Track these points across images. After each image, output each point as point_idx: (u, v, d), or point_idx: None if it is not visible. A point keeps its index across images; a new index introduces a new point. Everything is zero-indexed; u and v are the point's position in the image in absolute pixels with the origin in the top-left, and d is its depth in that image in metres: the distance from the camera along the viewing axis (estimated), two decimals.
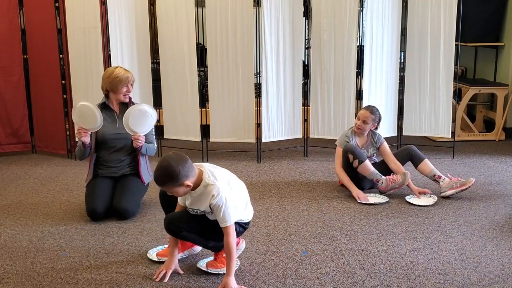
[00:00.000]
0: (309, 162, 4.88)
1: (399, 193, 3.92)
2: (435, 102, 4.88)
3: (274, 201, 3.84)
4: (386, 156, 4.07)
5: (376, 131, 4.14)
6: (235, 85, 4.81)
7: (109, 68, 3.68)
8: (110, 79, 3.56)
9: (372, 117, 4.01)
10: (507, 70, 5.69)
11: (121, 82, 3.56)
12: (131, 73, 3.64)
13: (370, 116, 4.00)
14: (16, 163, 4.93)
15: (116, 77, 3.54)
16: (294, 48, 4.84)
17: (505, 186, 4.14)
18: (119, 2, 4.71)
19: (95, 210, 3.42)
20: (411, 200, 3.77)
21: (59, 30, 4.87)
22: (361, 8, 4.94)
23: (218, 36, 4.75)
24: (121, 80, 3.55)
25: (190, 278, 2.70)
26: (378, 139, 4.12)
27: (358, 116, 4.07)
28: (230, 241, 2.54)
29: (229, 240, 2.54)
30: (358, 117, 4.08)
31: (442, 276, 2.69)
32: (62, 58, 4.97)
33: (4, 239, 3.20)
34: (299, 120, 4.97)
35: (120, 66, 3.74)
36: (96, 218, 3.42)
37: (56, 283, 2.66)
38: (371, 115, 4.01)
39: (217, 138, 4.96)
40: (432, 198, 3.79)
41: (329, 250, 3.00)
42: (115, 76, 3.55)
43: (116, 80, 3.54)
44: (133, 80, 3.63)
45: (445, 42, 4.75)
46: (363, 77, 4.89)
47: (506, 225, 3.34)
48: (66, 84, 4.97)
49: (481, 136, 5.68)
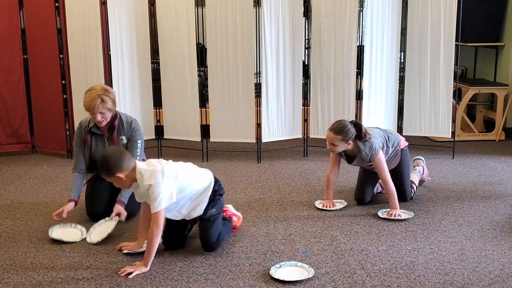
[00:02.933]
0: (309, 162, 4.88)
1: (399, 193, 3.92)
2: (435, 102, 4.88)
3: (274, 201, 3.84)
4: (376, 170, 3.50)
5: (365, 144, 3.45)
6: (235, 85, 4.81)
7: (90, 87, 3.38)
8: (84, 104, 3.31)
9: (338, 137, 3.40)
10: (507, 70, 5.69)
11: (88, 110, 3.31)
12: (106, 96, 3.29)
13: (335, 137, 3.41)
14: (16, 163, 4.93)
15: (84, 104, 3.30)
16: (294, 48, 4.84)
17: (505, 186, 4.14)
18: (119, 2, 4.71)
19: (95, 212, 3.44)
20: (319, 206, 3.66)
21: (59, 30, 4.86)
22: (361, 8, 4.94)
23: (218, 36, 4.75)
24: (87, 108, 3.30)
25: (190, 278, 2.70)
26: (367, 155, 3.46)
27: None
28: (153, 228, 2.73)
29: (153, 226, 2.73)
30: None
31: (442, 276, 2.69)
32: (62, 58, 4.97)
33: (4, 239, 3.20)
34: (299, 120, 4.97)
35: (96, 86, 3.37)
36: (96, 219, 3.41)
37: (56, 283, 2.66)
38: (337, 136, 3.40)
39: (217, 138, 4.96)
40: (342, 204, 3.68)
41: (329, 250, 3.00)
42: (83, 103, 3.30)
43: (85, 108, 3.31)
44: (105, 106, 3.29)
45: (445, 42, 4.75)
46: (363, 77, 4.89)
47: (506, 225, 3.34)
48: (66, 84, 4.97)
49: (481, 136, 5.68)
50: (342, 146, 3.44)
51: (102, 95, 3.27)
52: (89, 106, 3.27)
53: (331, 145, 3.46)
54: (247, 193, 4.01)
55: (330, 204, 3.66)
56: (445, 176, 4.39)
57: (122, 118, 3.45)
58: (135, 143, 3.45)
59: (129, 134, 3.45)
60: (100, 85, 3.40)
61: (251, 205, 3.75)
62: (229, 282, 2.65)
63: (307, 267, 2.75)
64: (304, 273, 2.70)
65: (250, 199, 3.87)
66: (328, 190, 3.71)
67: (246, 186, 4.16)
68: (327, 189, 3.72)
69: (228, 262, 2.87)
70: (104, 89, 3.33)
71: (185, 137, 5.02)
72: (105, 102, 3.28)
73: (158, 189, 2.71)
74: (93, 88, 3.33)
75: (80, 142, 3.46)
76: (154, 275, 2.72)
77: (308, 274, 2.68)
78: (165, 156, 5.06)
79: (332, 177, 3.69)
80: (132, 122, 3.47)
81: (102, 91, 3.30)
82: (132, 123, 3.46)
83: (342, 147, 3.45)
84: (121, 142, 3.46)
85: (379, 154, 3.46)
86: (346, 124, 3.43)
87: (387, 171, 3.49)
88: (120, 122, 3.44)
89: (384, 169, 3.47)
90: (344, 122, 3.45)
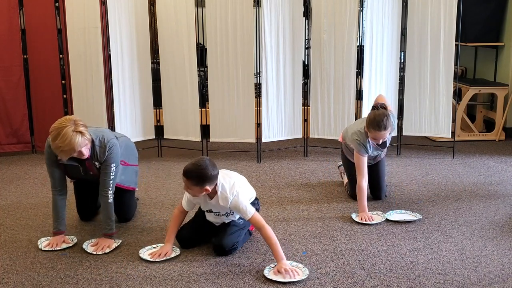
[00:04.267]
0: (309, 162, 4.88)
1: (399, 193, 3.92)
2: (435, 102, 4.88)
3: (274, 201, 3.84)
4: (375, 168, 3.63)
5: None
6: (235, 85, 4.81)
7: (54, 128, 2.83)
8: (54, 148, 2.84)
9: (388, 131, 3.38)
10: (507, 70, 5.69)
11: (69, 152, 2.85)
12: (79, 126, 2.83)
13: (386, 133, 3.37)
14: (16, 163, 4.93)
15: (62, 149, 2.82)
16: (294, 48, 4.84)
17: (505, 186, 4.13)
18: (119, 2, 4.71)
19: (84, 218, 3.48)
20: (357, 219, 3.41)
21: (59, 30, 4.87)
22: (361, 8, 4.93)
23: (218, 36, 4.75)
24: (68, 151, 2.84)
25: (190, 278, 2.70)
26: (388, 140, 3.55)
27: (372, 137, 3.43)
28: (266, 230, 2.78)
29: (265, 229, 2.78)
30: (371, 137, 3.44)
31: (442, 276, 2.69)
32: (62, 58, 4.97)
33: (4, 239, 3.20)
34: (299, 120, 4.97)
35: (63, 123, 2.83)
36: (87, 220, 3.47)
37: (56, 283, 2.66)
38: (387, 131, 3.37)
39: (217, 138, 4.96)
40: (380, 216, 3.45)
41: (329, 250, 3.00)
42: (60, 149, 2.81)
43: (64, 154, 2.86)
44: (86, 138, 2.87)
45: (445, 42, 4.75)
46: (363, 77, 4.89)
47: (506, 225, 3.34)
48: (66, 84, 4.97)
49: (481, 136, 5.68)
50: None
51: (76, 128, 2.82)
52: (71, 148, 2.81)
53: (382, 139, 3.42)
54: None
55: (367, 217, 3.38)
56: (445, 176, 4.39)
57: (96, 143, 3.02)
58: (109, 167, 3.04)
59: (104, 158, 3.05)
60: (63, 119, 2.87)
61: None
62: (229, 282, 2.65)
63: (302, 267, 2.75)
64: (300, 273, 2.70)
65: None
66: (363, 200, 3.42)
67: None
68: (361, 200, 3.42)
69: (228, 262, 2.87)
70: (74, 121, 2.85)
71: (185, 137, 5.02)
72: (85, 134, 2.87)
73: (241, 197, 2.84)
74: (61, 126, 2.81)
75: (52, 159, 3.02)
76: (154, 275, 2.72)
77: (302, 275, 2.68)
78: (165, 156, 5.07)
79: (365, 184, 3.45)
80: (107, 145, 3.03)
81: (72, 123, 2.83)
82: (107, 146, 3.03)
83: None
84: (95, 167, 3.10)
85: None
86: (387, 114, 3.36)
87: None
88: (94, 149, 3.02)
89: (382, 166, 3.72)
90: (385, 113, 3.35)
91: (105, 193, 3.05)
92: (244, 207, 2.82)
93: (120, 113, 4.83)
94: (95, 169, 3.10)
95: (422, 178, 4.31)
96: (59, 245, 3.04)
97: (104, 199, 3.05)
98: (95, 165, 3.08)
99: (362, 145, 3.48)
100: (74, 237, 3.15)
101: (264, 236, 2.79)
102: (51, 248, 3.01)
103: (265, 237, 2.79)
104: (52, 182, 3.08)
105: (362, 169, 3.46)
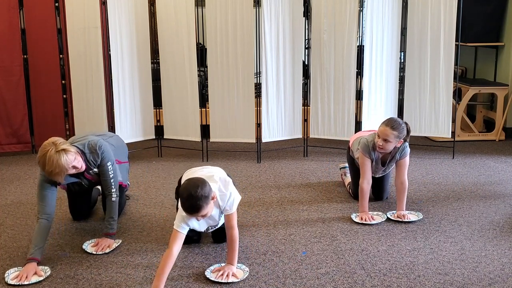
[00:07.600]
0: (309, 162, 4.88)
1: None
2: (435, 102, 4.88)
3: (274, 201, 3.84)
4: (399, 168, 3.48)
5: (405, 144, 3.45)
6: (235, 85, 4.81)
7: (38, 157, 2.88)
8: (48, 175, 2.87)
9: (394, 133, 3.31)
10: (507, 70, 5.69)
11: (62, 172, 2.85)
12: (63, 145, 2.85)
13: (391, 133, 3.31)
14: (16, 163, 4.93)
15: (53, 171, 2.82)
16: (294, 48, 4.84)
17: (505, 186, 4.14)
18: (119, 2, 4.71)
19: (76, 217, 3.50)
20: (356, 219, 3.42)
21: (59, 30, 4.87)
22: (361, 8, 4.93)
23: (218, 36, 4.75)
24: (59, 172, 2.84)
25: (190, 278, 2.70)
26: (404, 155, 3.46)
27: (378, 133, 3.39)
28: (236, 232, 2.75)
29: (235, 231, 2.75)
30: (377, 134, 3.40)
31: (442, 276, 2.69)
32: (62, 58, 4.98)
33: (4, 239, 3.20)
34: (299, 120, 4.97)
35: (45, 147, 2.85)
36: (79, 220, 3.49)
37: (56, 283, 2.66)
38: (393, 132, 3.31)
39: (217, 138, 4.96)
40: (381, 217, 3.45)
41: (329, 250, 3.00)
42: (51, 172, 2.83)
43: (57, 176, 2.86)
44: (72, 154, 2.87)
45: (445, 42, 4.75)
46: (363, 77, 4.89)
47: (506, 225, 3.34)
48: (66, 84, 4.97)
49: (481, 136, 5.68)
50: (394, 143, 3.35)
51: (57, 148, 2.82)
52: (61, 168, 2.82)
53: (384, 141, 3.34)
54: (247, 193, 4.01)
55: (368, 217, 3.40)
56: (445, 176, 4.39)
57: (86, 151, 3.04)
58: (105, 167, 3.09)
59: (99, 161, 3.09)
60: (43, 146, 2.88)
61: (251, 205, 3.75)
62: (229, 282, 2.65)
63: (243, 267, 2.76)
64: (240, 273, 2.71)
65: (250, 199, 3.87)
66: (364, 201, 3.43)
67: (246, 186, 4.16)
68: (362, 200, 3.43)
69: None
70: (53, 142, 2.85)
71: (185, 137, 5.02)
72: (69, 150, 2.86)
73: (234, 192, 2.82)
74: (43, 153, 2.83)
75: (48, 183, 2.98)
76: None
77: (243, 275, 2.69)
78: (165, 156, 5.07)
79: (367, 186, 3.44)
80: (97, 148, 3.07)
81: (51, 145, 2.84)
82: (97, 149, 3.07)
83: (393, 144, 3.36)
84: (95, 175, 3.17)
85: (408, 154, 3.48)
86: (401, 121, 3.37)
87: None
88: (87, 158, 3.05)
89: (406, 167, 3.48)
90: (399, 119, 3.40)
91: (109, 193, 3.11)
92: (235, 196, 2.79)
93: (120, 113, 4.84)
94: (96, 177, 3.18)
95: (422, 178, 4.31)
96: (29, 278, 2.67)
97: (108, 197, 3.11)
98: (94, 172, 3.14)
99: (367, 146, 3.48)
100: (48, 268, 2.79)
101: (230, 237, 2.73)
102: (19, 282, 2.64)
103: (231, 239, 2.73)
104: (41, 207, 2.94)
105: (366, 171, 3.47)
